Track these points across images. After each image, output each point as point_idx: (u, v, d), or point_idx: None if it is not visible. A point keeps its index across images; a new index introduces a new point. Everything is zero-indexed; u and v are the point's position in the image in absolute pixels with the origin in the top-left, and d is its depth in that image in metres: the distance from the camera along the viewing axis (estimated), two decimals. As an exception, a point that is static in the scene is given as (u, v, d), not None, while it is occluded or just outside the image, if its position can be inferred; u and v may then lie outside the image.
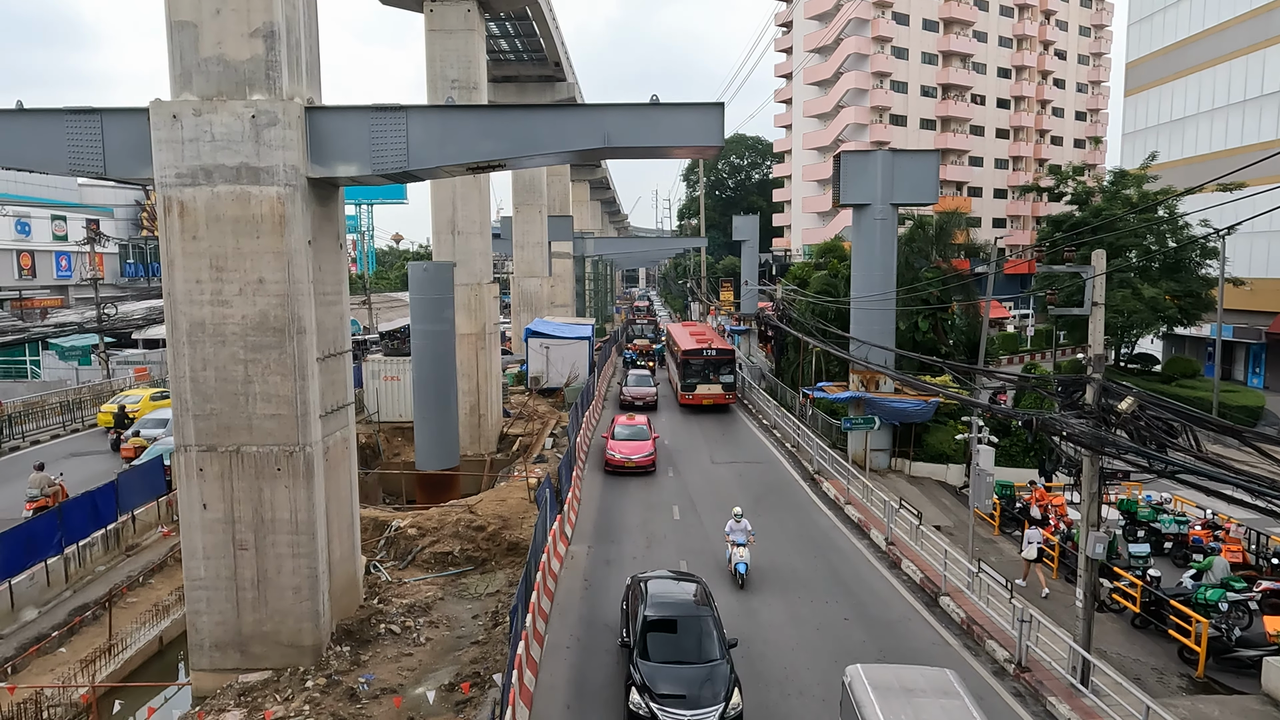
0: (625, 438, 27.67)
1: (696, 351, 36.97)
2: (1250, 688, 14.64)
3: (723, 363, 37.17)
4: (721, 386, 36.85)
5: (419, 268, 26.73)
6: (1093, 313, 13.69)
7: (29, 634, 16.51)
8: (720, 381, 36.80)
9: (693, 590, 14.59)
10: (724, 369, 37.07)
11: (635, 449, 26.82)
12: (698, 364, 36.90)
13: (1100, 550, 13.66)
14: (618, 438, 27.71)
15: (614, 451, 26.89)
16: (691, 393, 36.79)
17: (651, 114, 14.62)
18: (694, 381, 36.78)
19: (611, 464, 26.64)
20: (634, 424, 28.71)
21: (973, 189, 79.61)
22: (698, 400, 36.76)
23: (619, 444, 27.22)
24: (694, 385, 36.76)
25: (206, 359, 14.23)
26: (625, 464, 26.41)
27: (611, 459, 26.69)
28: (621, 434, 27.95)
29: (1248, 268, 41.13)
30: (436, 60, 29.35)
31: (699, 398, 36.74)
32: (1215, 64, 45.55)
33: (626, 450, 26.76)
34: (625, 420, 29.14)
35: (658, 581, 14.83)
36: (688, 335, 41.10)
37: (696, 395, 36.78)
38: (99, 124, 14.23)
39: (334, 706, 13.49)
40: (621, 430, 28.19)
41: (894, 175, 26.55)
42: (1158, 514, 22.31)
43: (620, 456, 26.57)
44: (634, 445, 27.03)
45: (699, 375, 36.78)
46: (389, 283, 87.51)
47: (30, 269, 59.09)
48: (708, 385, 36.64)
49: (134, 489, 21.58)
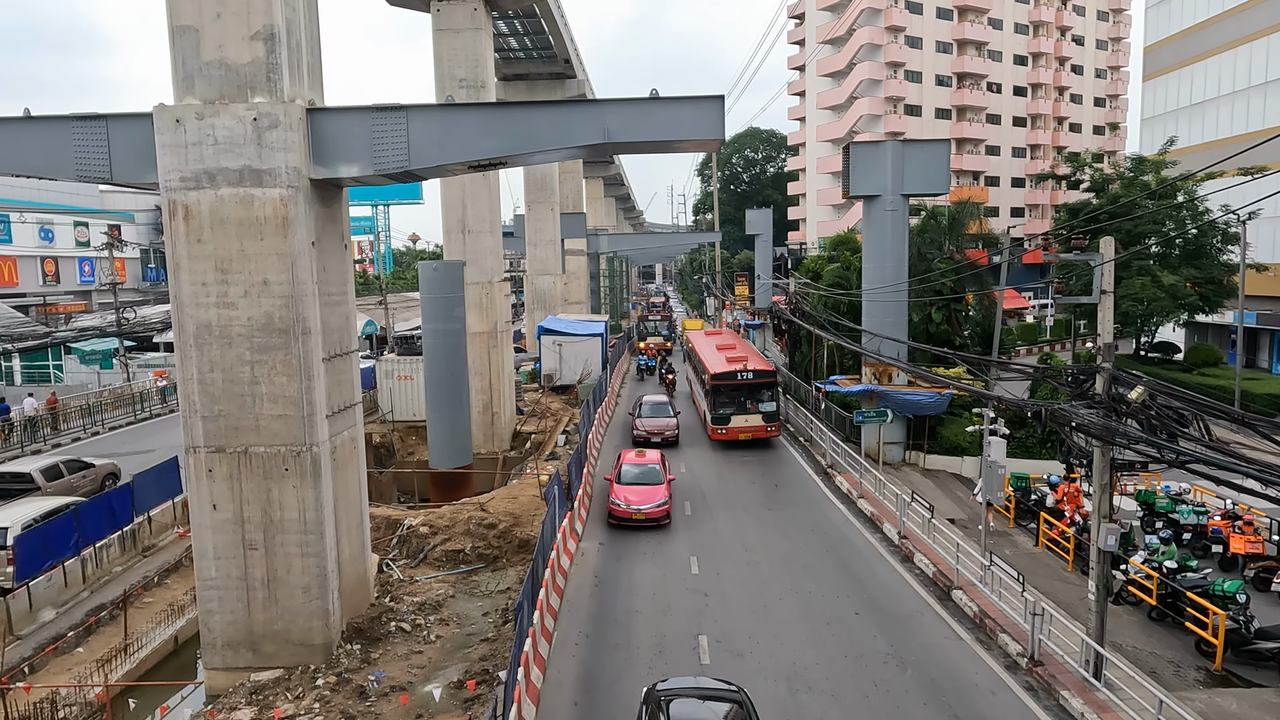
0: (634, 480, 22.50)
1: (729, 375, 29.67)
2: (1269, 680, 14.39)
3: (762, 387, 29.80)
4: (762, 417, 29.57)
5: (429, 267, 26.86)
6: (1101, 301, 13.47)
7: (47, 634, 16.76)
8: (760, 410, 29.58)
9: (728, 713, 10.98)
10: (764, 395, 29.83)
11: (645, 496, 21.69)
12: (731, 391, 29.71)
13: (1113, 542, 13.46)
14: (624, 480, 22.52)
15: (619, 499, 21.67)
16: (724, 426, 29.46)
17: (652, 108, 14.56)
18: (727, 412, 29.52)
19: (616, 515, 21.49)
20: (644, 462, 23.30)
21: (990, 178, 78.81)
22: (732, 435, 29.55)
23: (626, 490, 22.07)
24: (727, 417, 29.47)
25: (213, 361, 14.36)
26: (632, 516, 21.25)
27: (615, 509, 21.50)
28: (629, 475, 22.70)
29: (1271, 252, 40.40)
30: (444, 59, 29.42)
31: (734, 432, 29.50)
32: (1235, 46, 44.73)
33: (634, 498, 21.62)
34: (634, 458, 23.79)
35: (682, 703, 11.08)
36: (715, 352, 33.58)
37: (731, 430, 29.43)
38: (104, 130, 14.39)
39: (343, 704, 13.58)
40: (629, 471, 22.88)
41: (904, 166, 26.30)
42: (1176, 505, 21.99)
43: (626, 506, 21.39)
44: (644, 492, 21.88)
45: (733, 404, 29.64)
46: (406, 283, 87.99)
47: (54, 275, 60.08)
48: (744, 416, 29.48)
49: (150, 490, 21.85)
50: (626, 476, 22.68)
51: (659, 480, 22.50)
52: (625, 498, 21.68)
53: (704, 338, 39.81)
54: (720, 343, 36.68)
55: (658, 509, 21.34)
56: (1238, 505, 21.20)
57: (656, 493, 21.86)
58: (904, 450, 28.56)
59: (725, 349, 34.24)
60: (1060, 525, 21.01)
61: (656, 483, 22.34)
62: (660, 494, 21.85)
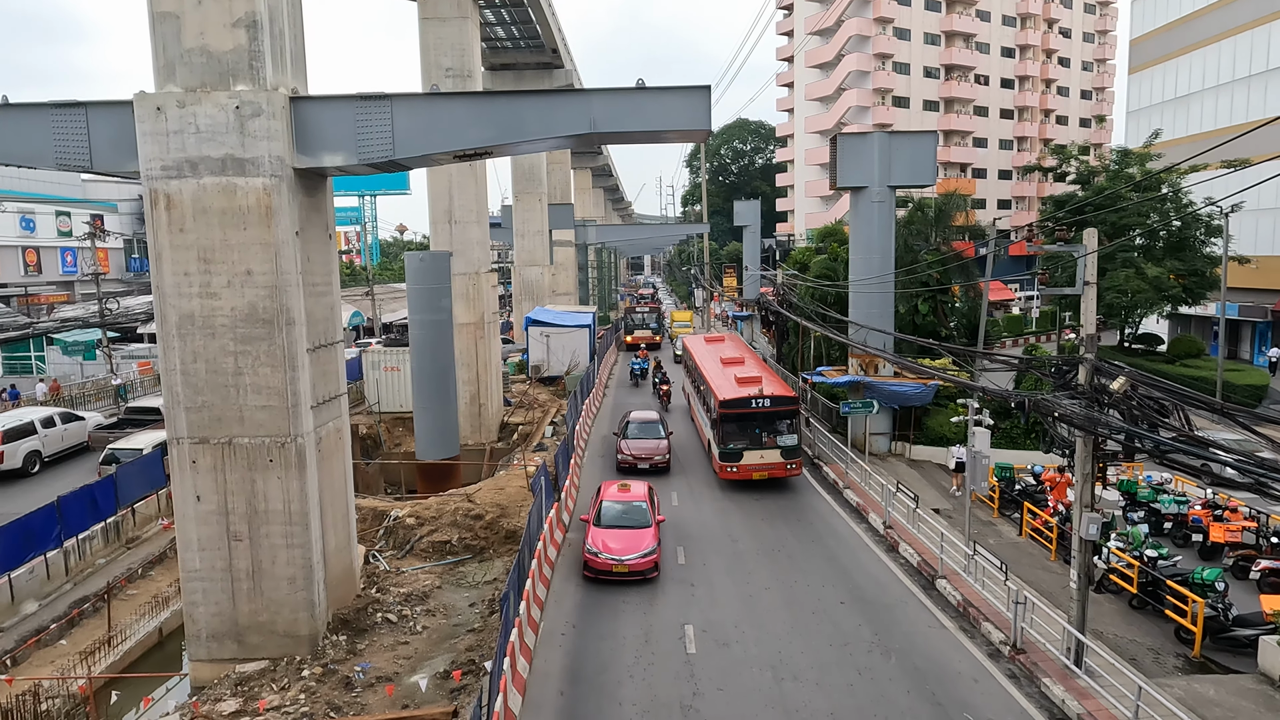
0: (615, 521, 18.63)
1: (740, 403, 23.87)
2: (1247, 667, 14.58)
3: (781, 416, 24.07)
4: (781, 452, 23.87)
5: (415, 258, 26.74)
6: (1085, 292, 13.57)
7: (29, 626, 16.66)
8: (779, 445, 23.88)
9: None
10: (783, 425, 24.09)
11: (629, 543, 17.87)
12: (743, 421, 23.82)
13: (1094, 531, 13.60)
14: (604, 522, 18.65)
15: (596, 546, 17.84)
16: (735, 463, 23.84)
17: (638, 98, 14.52)
18: (738, 446, 23.83)
19: (593, 567, 17.71)
20: (629, 499, 19.36)
21: (977, 170, 79.04)
22: (744, 474, 23.85)
23: (605, 535, 18.17)
24: (738, 452, 23.81)
25: (196, 351, 14.25)
26: (613, 569, 17.53)
27: (593, 560, 17.69)
28: (610, 516, 18.81)
29: (1253, 245, 40.73)
30: (430, 49, 29.22)
31: (746, 470, 23.80)
32: (1220, 39, 44.97)
33: (616, 545, 17.82)
34: (616, 493, 19.70)
35: None
36: (721, 369, 27.74)
37: (743, 468, 23.82)
38: (84, 118, 14.22)
39: (329, 695, 13.57)
40: (611, 511, 18.95)
41: (891, 157, 26.33)
42: (1158, 494, 22.23)
43: (605, 556, 17.59)
44: (627, 538, 18.03)
45: (746, 437, 23.87)
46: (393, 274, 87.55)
47: (36, 265, 59.39)
48: (759, 451, 23.74)
49: (133, 482, 21.71)
50: (607, 517, 18.79)
51: (646, 522, 18.61)
52: (604, 544, 17.85)
53: (703, 345, 33.15)
54: (724, 354, 30.30)
55: (643, 559, 17.64)
56: (1218, 495, 21.45)
57: (642, 539, 18.04)
58: (890, 441, 28.71)
59: (731, 364, 28.61)
60: (1043, 515, 21.20)
61: (643, 525, 18.49)
62: (647, 540, 18.00)
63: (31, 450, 27.11)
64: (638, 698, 13.21)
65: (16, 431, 26.80)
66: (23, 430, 27.02)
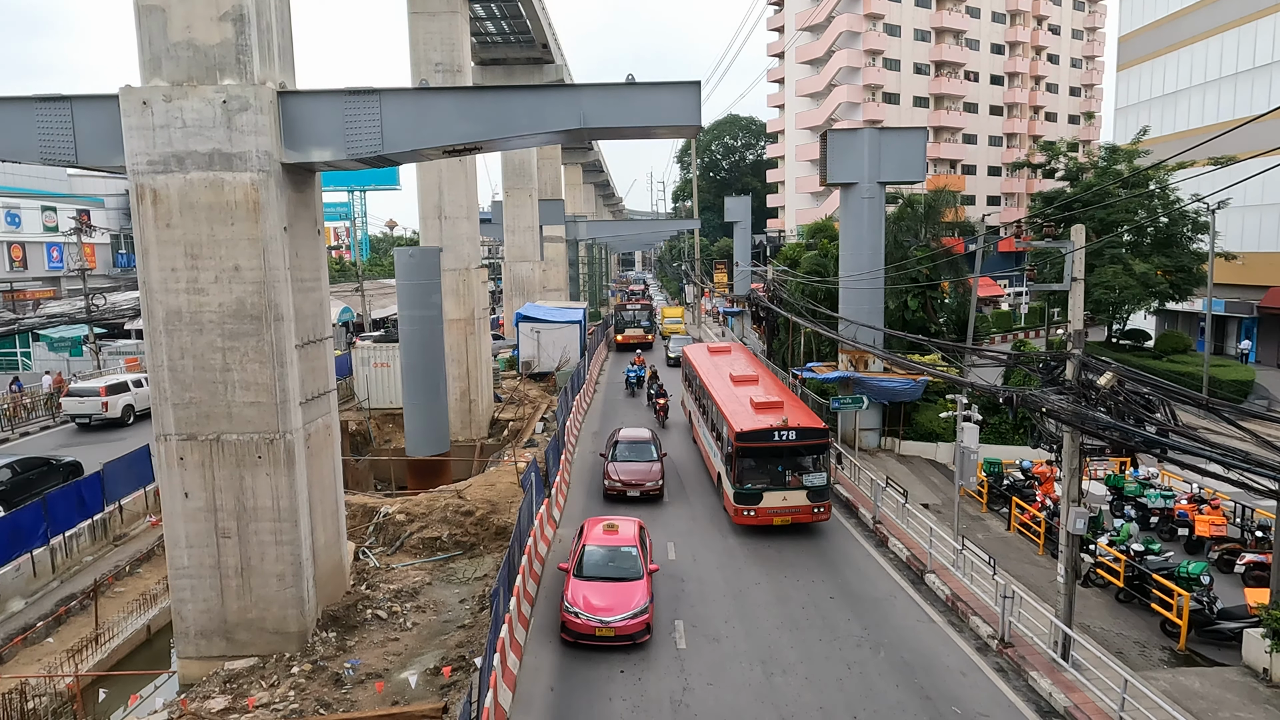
0: (599, 570, 15.65)
1: (760, 436, 19.96)
2: (1231, 659, 14.73)
3: (808, 451, 20.26)
4: (807, 493, 19.97)
5: (405, 253, 26.63)
6: (1072, 288, 13.63)
7: (15, 625, 16.57)
8: (805, 484, 19.99)
9: None
10: (810, 462, 20.29)
11: (616, 599, 14.84)
12: (763, 457, 19.99)
13: (1082, 526, 13.70)
14: (586, 571, 15.65)
15: (576, 604, 14.79)
16: (753, 505, 19.86)
17: (628, 94, 14.49)
18: (756, 487, 19.87)
19: (572, 628, 14.69)
20: (616, 543, 16.19)
21: (967, 167, 79.29)
22: (763, 519, 19.93)
23: (587, 589, 15.10)
24: (756, 493, 19.83)
25: (184, 347, 14.17)
26: (595, 631, 14.49)
27: (572, 620, 14.67)
28: (593, 563, 15.81)
29: (1239, 242, 41.02)
30: (420, 43, 29.05)
31: (765, 515, 19.89)
32: (1207, 37, 45.23)
33: (600, 602, 14.76)
34: (601, 535, 16.48)
35: None
36: (732, 390, 23.71)
37: (762, 511, 19.86)
38: (69, 111, 14.07)
39: (319, 692, 13.54)
40: (594, 557, 15.94)
41: (881, 153, 26.37)
42: (1144, 489, 22.40)
43: (588, 618, 14.53)
44: (613, 593, 15.00)
45: (765, 475, 19.98)
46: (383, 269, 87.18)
47: (22, 260, 58.85)
48: (781, 492, 19.84)
49: (120, 479, 21.58)
50: (590, 565, 15.74)
51: (636, 573, 15.58)
52: (586, 601, 14.73)
53: (707, 357, 29.50)
54: (735, 370, 26.29)
55: (633, 620, 14.48)
56: (1203, 489, 21.63)
57: (632, 594, 14.99)
58: (879, 436, 28.81)
59: (744, 383, 24.61)
60: (1031, 509, 21.33)
61: (632, 577, 15.46)
62: (638, 596, 14.97)
63: (127, 404, 32.92)
64: (628, 693, 13.23)
65: (116, 387, 32.74)
66: (120, 386, 32.88)
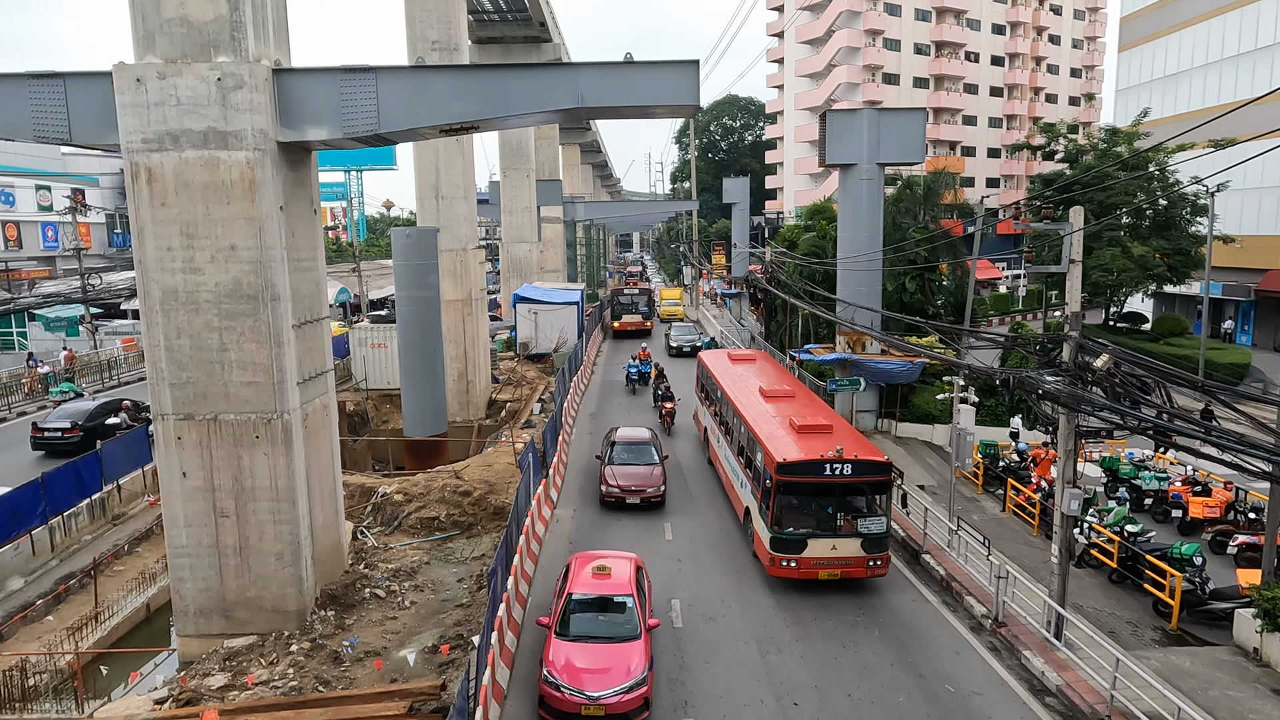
0: (584, 628, 12.67)
1: (808, 469, 16.04)
2: (1222, 639, 14.86)
3: (866, 490, 16.41)
4: (862, 542, 15.93)
5: (402, 233, 26.53)
6: (1070, 270, 13.62)
7: (15, 603, 16.65)
8: (860, 531, 16.00)
9: None
10: (866, 503, 16.48)
11: (606, 667, 12.00)
12: (811, 494, 16.35)
13: (1076, 507, 13.78)
14: (572, 629, 12.66)
15: (557, 673, 11.95)
16: (794, 555, 15.92)
17: (626, 73, 14.38)
18: (800, 533, 15.97)
19: (553, 706, 11.84)
20: (606, 588, 13.27)
21: (966, 148, 78.91)
22: (807, 572, 15.99)
23: (571, 652, 12.25)
24: (799, 540, 15.88)
25: (180, 327, 14.14)
26: (582, 710, 11.66)
27: (553, 695, 11.83)
28: (579, 617, 12.86)
29: (1238, 225, 40.93)
30: (416, 21, 28.78)
31: (809, 567, 15.93)
32: (1209, 17, 44.89)
33: (586, 669, 11.97)
34: (591, 580, 13.44)
35: None
36: (768, 411, 19.55)
37: (805, 562, 15.92)
38: (62, 89, 13.96)
39: (318, 669, 13.65)
40: (580, 609, 12.97)
41: (880, 134, 26.22)
42: (1139, 471, 22.51)
43: (572, 692, 11.73)
44: (604, 657, 12.13)
45: (812, 517, 16.28)
46: (380, 250, 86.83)
47: (16, 240, 58.48)
48: (830, 539, 15.90)
49: (118, 458, 21.61)
50: (576, 620, 12.82)
51: (632, 631, 12.64)
52: (569, 668, 12.02)
53: (729, 366, 25.06)
54: (766, 384, 21.97)
55: (628, 696, 11.72)
56: (1197, 471, 21.74)
57: (627, 658, 12.13)
58: (876, 418, 28.88)
59: (778, 399, 20.58)
60: (1026, 491, 21.43)
61: (628, 636, 12.54)
62: (634, 662, 12.09)
63: None
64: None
65: None
66: None
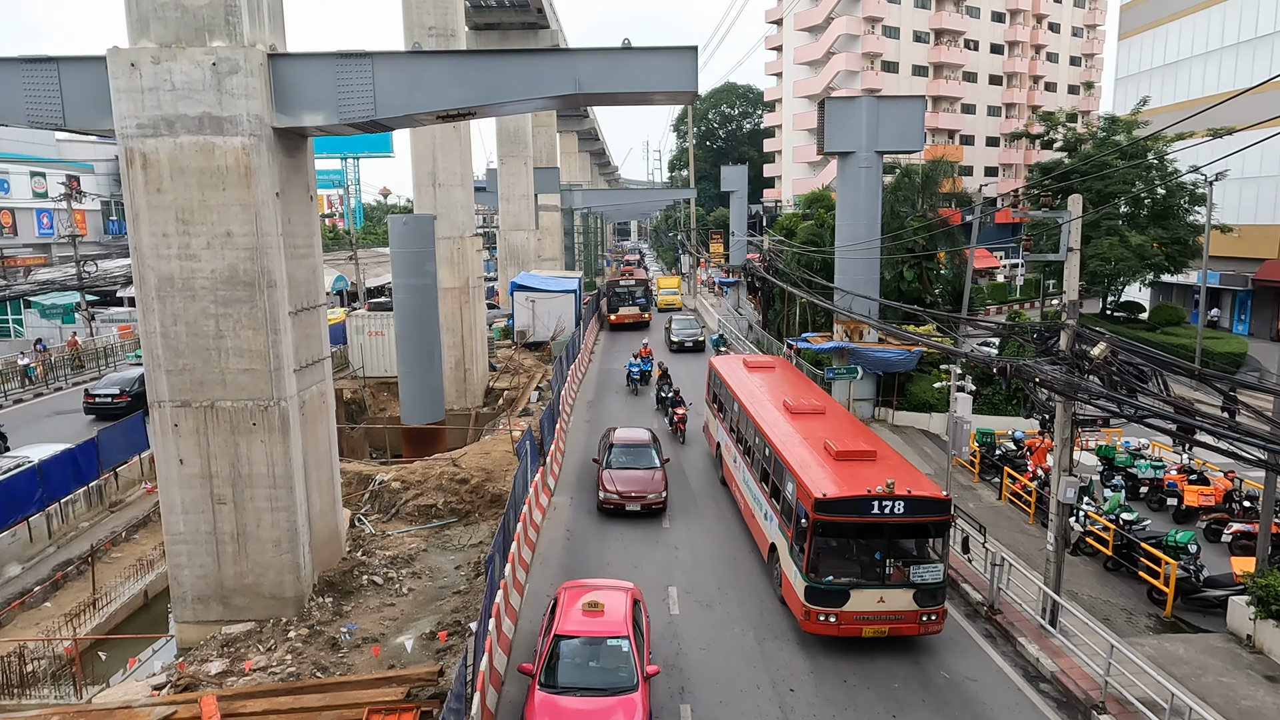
0: (572, 678, 11.13)
1: (853, 506, 13.49)
2: (1216, 626, 14.95)
3: (919, 531, 13.81)
4: (915, 594, 13.43)
5: (399, 221, 26.44)
6: (1068, 258, 13.61)
7: (12, 589, 16.66)
8: (911, 581, 13.47)
9: None
10: (920, 547, 13.92)
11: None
12: (855, 536, 13.77)
13: (1072, 495, 13.82)
14: (559, 679, 11.12)
15: None
16: (834, 608, 13.45)
17: (624, 58, 14.29)
18: (841, 581, 13.52)
19: None
20: (598, 628, 11.65)
21: (965, 137, 78.72)
22: (850, 628, 13.53)
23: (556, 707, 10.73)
24: (841, 592, 13.44)
25: (177, 314, 14.09)
26: None
27: None
28: (567, 664, 11.32)
29: (1236, 214, 40.94)
30: (413, 6, 28.58)
31: (852, 623, 13.51)
32: (1209, 6, 44.74)
33: None
34: (581, 618, 11.83)
35: None
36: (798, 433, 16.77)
37: (847, 616, 13.48)
38: (56, 73, 13.83)
39: (315, 656, 13.68)
40: (568, 655, 11.45)
41: (879, 122, 26.12)
42: (1135, 459, 22.58)
43: None
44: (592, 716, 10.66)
45: (855, 563, 13.79)
46: (377, 238, 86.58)
47: (11, 227, 58.25)
48: (877, 591, 13.46)
49: (115, 445, 21.58)
50: (564, 668, 11.26)
51: (628, 681, 11.01)
52: None
53: (745, 374, 22.45)
54: (790, 398, 19.25)
55: None
56: (1193, 459, 21.81)
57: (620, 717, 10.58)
58: (874, 406, 28.91)
59: (806, 416, 17.96)
60: (1023, 479, 21.50)
61: (623, 688, 10.94)
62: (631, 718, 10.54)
63: None
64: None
65: None
66: None
